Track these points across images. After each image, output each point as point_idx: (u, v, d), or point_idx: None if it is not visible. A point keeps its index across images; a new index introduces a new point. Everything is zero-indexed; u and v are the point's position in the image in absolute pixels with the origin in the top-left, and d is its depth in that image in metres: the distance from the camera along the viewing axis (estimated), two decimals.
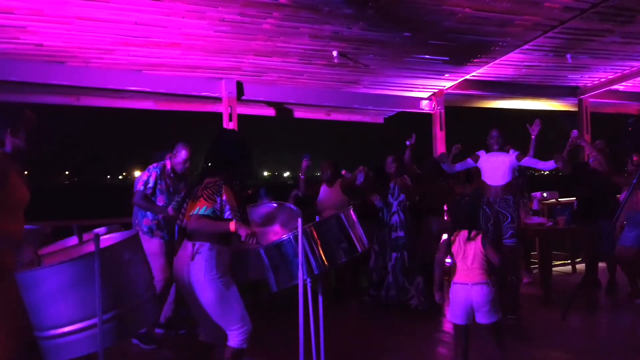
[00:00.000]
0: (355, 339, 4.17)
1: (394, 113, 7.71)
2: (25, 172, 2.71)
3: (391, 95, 6.89)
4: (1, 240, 2.43)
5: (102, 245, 2.43)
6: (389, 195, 5.00)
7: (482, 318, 3.05)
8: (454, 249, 3.12)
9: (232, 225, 2.58)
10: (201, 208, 2.57)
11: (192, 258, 2.58)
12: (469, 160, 4.87)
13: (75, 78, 5.14)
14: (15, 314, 2.43)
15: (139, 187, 4.15)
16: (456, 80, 6.58)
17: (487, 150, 4.78)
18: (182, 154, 4.23)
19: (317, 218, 2.98)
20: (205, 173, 2.75)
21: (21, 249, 2.89)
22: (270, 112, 7.13)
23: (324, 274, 2.95)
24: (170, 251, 4.12)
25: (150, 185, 4.13)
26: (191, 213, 2.59)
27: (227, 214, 2.59)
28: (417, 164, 5.58)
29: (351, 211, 2.96)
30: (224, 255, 2.65)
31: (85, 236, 2.99)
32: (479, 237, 3.10)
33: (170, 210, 2.85)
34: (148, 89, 5.55)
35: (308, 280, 2.74)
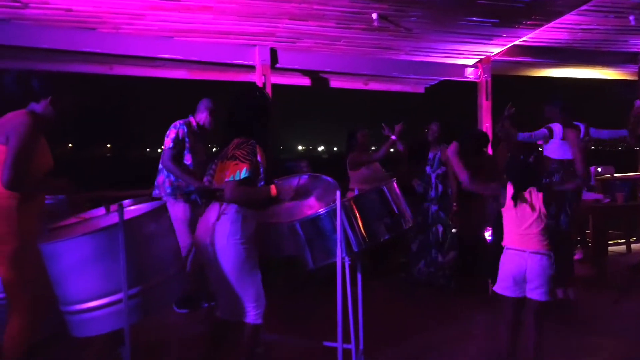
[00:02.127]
0: (392, 318, 3.99)
1: (436, 82, 7.30)
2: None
3: (434, 63, 6.49)
4: (26, 207, 2.40)
5: (127, 217, 2.30)
6: (428, 167, 4.75)
7: (533, 292, 2.69)
8: (507, 206, 2.74)
9: (274, 190, 2.48)
10: (240, 171, 2.38)
11: (218, 218, 2.44)
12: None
13: (107, 45, 5.01)
14: (39, 281, 2.41)
15: (168, 145, 3.93)
16: (505, 45, 6.11)
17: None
18: (206, 108, 4.09)
19: (356, 191, 2.74)
20: (232, 132, 2.56)
21: (46, 216, 2.84)
22: (305, 81, 6.87)
23: (364, 251, 2.72)
24: (195, 215, 3.99)
25: (181, 142, 3.94)
26: (229, 178, 2.40)
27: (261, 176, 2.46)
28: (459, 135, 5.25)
29: (394, 184, 2.70)
30: (250, 221, 2.50)
31: (113, 207, 2.88)
32: (539, 197, 2.69)
33: (206, 181, 2.66)
34: (180, 57, 5.37)
35: (347, 258, 2.52)
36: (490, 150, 5.30)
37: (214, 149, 2.74)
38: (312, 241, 2.51)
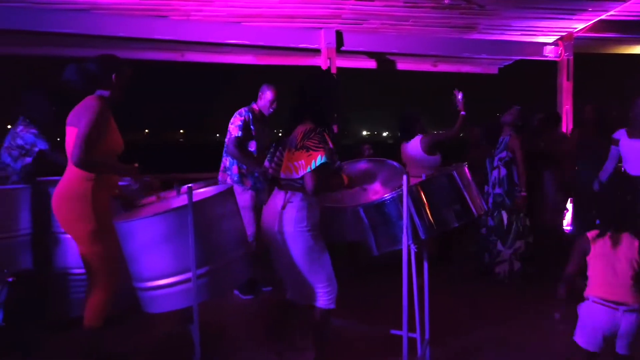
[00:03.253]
0: (458, 308, 3.86)
1: (511, 62, 6.90)
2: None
3: (509, 41, 6.12)
4: (99, 189, 2.51)
5: (196, 199, 2.35)
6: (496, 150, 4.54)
7: (623, 348, 2.40)
8: (595, 252, 2.42)
9: (346, 179, 2.48)
10: (315, 160, 2.33)
11: (284, 207, 2.43)
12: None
13: (178, 32, 5.16)
14: (115, 258, 2.55)
15: (236, 133, 3.97)
16: (590, 20, 5.63)
17: (630, 126, 4.00)
18: (268, 94, 4.08)
19: (423, 176, 2.63)
20: (298, 118, 2.53)
21: (123, 197, 2.98)
22: (371, 64, 6.73)
23: (432, 238, 2.61)
24: (259, 202, 4.04)
25: (247, 129, 3.99)
26: (305, 170, 2.36)
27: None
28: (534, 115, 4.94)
29: (466, 169, 2.56)
30: (315, 207, 2.48)
31: (183, 189, 2.96)
32: (635, 244, 2.36)
33: (269, 168, 2.66)
34: (247, 42, 5.43)
35: (413, 245, 2.43)
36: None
37: (280, 134, 2.72)
38: (377, 227, 2.44)
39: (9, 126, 4.09)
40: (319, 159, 2.33)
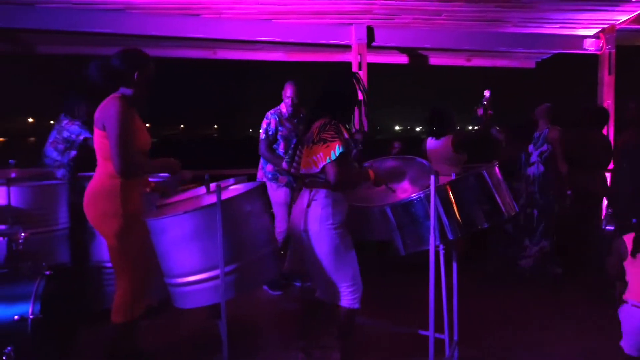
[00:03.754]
0: (487, 309, 3.78)
1: (548, 55, 6.65)
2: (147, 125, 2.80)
3: (547, 34, 5.90)
4: (128, 186, 2.55)
5: (225, 196, 2.37)
6: (531, 145, 4.43)
7: None
8: (632, 253, 2.37)
9: (372, 174, 2.50)
10: (333, 150, 2.34)
11: (308, 205, 2.45)
12: None
13: (210, 30, 5.21)
14: (141, 255, 2.58)
15: (261, 135, 4.18)
16: (634, 12, 5.38)
17: None
18: (286, 90, 4.15)
19: (453, 175, 2.58)
20: (313, 116, 2.56)
21: (155, 194, 3.03)
22: (402, 59, 6.64)
23: (461, 238, 2.56)
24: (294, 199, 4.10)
25: (271, 132, 4.12)
26: (325, 161, 2.37)
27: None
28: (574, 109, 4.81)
29: (496, 168, 2.49)
30: (341, 205, 2.47)
31: (212, 187, 3.00)
32: None
33: (284, 164, 2.69)
34: (277, 39, 5.44)
35: (441, 246, 2.39)
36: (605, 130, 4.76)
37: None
38: (404, 227, 2.41)
39: (52, 121, 4.27)
40: (337, 149, 2.34)
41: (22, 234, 2.81)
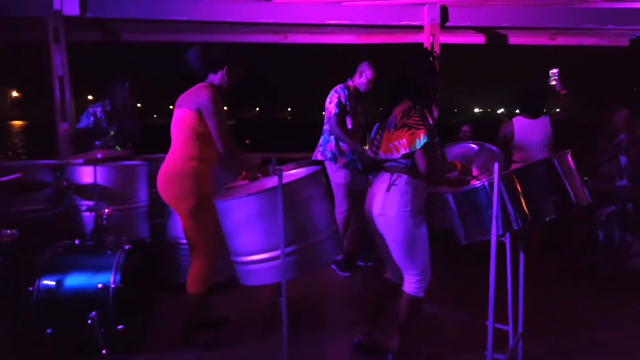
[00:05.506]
0: (557, 304, 3.60)
1: None
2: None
3: None
4: (201, 169, 2.71)
5: (287, 180, 2.44)
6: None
7: None
8: None
9: (459, 165, 2.48)
10: (419, 138, 2.32)
11: (388, 189, 2.44)
12: None
13: (281, 15, 5.28)
14: (213, 232, 2.73)
15: (334, 110, 4.02)
16: None
17: None
18: (369, 73, 4.10)
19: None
20: (395, 99, 2.52)
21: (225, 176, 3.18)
22: (479, 39, 6.32)
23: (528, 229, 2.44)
24: (354, 181, 4.07)
25: (347, 104, 4.03)
26: (409, 149, 2.35)
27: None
28: None
29: (568, 156, 2.34)
30: (420, 192, 2.46)
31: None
32: None
33: (370, 153, 2.67)
34: (348, 22, 5.40)
35: (507, 235, 2.30)
36: None
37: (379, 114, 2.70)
38: (466, 216, 2.34)
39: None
40: (422, 138, 2.31)
41: (106, 210, 3.07)
